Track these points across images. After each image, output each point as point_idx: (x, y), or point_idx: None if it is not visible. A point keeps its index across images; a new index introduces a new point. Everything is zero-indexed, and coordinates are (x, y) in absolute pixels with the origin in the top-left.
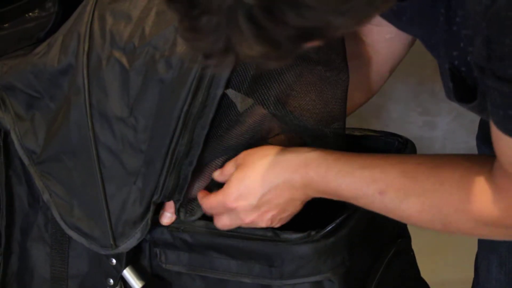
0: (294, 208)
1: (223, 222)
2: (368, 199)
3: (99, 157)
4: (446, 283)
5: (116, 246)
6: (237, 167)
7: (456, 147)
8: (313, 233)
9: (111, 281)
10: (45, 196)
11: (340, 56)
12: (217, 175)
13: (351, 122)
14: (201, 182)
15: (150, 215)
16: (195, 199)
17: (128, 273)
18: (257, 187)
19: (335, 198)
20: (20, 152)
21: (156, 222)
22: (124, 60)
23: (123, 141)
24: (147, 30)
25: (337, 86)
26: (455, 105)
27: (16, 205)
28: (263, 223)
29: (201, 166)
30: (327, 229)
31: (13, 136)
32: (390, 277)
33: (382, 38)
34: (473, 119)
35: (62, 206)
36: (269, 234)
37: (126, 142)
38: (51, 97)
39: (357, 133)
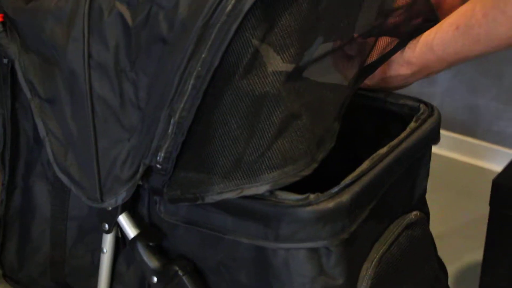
0: None
1: None
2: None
3: (94, 109)
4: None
5: (102, 201)
6: None
7: (455, 104)
8: (312, 196)
9: (106, 226)
10: (42, 133)
11: None
12: None
13: None
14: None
15: (138, 176)
16: (184, 180)
17: (123, 219)
18: None
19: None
20: (23, 85)
21: (155, 170)
22: (127, 15)
23: (122, 96)
24: None
25: None
26: None
27: (22, 139)
28: None
29: (196, 141)
30: (328, 193)
31: (17, 67)
32: (397, 252)
33: None
34: (472, 76)
35: (57, 147)
36: (266, 193)
37: (126, 98)
38: (41, 40)
39: (381, 95)
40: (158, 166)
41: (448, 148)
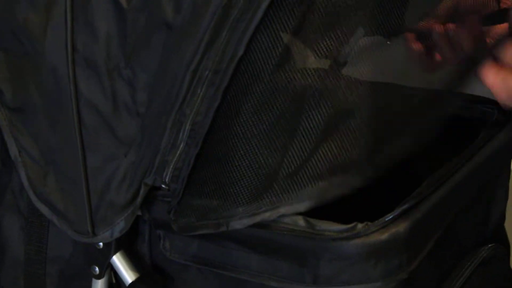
0: None
1: None
2: None
3: (81, 117)
4: None
5: (94, 234)
6: None
7: None
8: (360, 225)
9: (97, 269)
10: (13, 153)
11: None
12: None
13: None
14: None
15: (139, 200)
16: (200, 203)
17: (118, 261)
18: None
19: None
20: None
21: (158, 197)
22: None
23: (115, 100)
24: None
25: None
26: None
27: None
28: None
29: (216, 153)
30: (381, 222)
31: None
32: None
33: None
34: None
35: (33, 169)
36: (301, 223)
37: (120, 102)
38: (11, 31)
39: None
40: (164, 187)
41: None
